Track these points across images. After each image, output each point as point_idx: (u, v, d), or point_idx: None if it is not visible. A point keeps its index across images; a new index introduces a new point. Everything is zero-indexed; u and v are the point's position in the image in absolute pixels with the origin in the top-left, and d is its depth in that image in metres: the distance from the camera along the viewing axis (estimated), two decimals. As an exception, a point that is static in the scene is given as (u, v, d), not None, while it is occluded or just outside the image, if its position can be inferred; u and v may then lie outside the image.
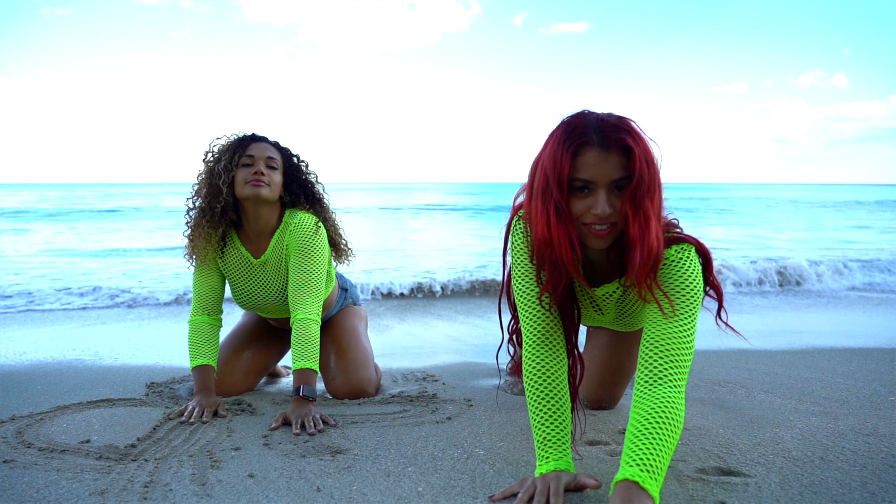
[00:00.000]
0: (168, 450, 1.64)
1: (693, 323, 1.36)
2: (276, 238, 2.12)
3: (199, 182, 2.11)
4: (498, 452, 1.64)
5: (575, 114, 1.35)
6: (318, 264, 2.09)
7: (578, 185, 1.30)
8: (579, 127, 1.30)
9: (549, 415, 1.40)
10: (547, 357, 1.45)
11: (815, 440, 1.71)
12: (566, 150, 1.29)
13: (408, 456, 1.61)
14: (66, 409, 2.03)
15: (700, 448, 1.65)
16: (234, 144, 2.07)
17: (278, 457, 1.60)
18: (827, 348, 3.07)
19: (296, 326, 2.00)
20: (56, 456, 1.59)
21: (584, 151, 1.28)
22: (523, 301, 1.49)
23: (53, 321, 3.97)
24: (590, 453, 1.63)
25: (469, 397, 2.19)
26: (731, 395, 2.23)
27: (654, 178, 1.29)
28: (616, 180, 1.28)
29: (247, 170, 2.03)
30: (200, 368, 2.06)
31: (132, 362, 2.81)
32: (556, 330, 1.47)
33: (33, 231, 12.51)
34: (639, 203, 1.27)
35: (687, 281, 1.37)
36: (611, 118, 1.31)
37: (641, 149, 1.28)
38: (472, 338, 3.50)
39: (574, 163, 1.29)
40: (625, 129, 1.28)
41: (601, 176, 1.28)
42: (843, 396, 2.20)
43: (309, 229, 2.09)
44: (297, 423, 1.81)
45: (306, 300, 2.03)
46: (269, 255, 2.12)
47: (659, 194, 1.32)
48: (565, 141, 1.30)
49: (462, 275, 5.89)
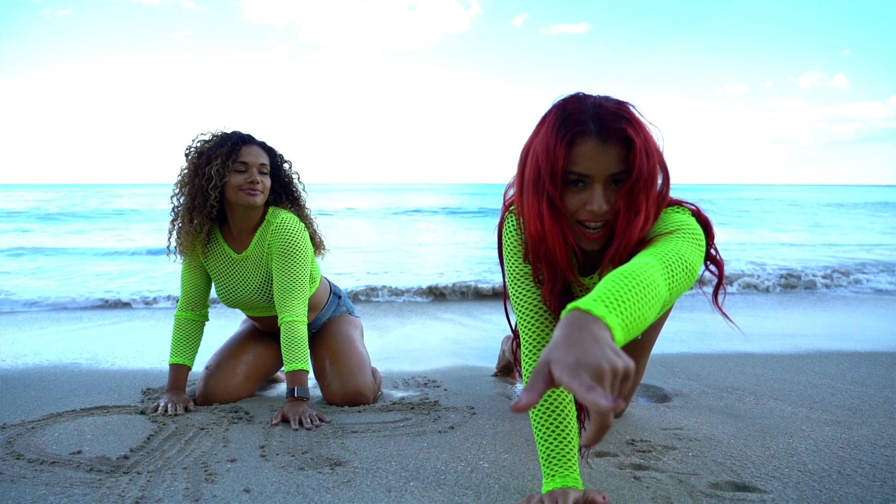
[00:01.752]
0: (162, 461, 1.59)
1: (693, 245, 1.17)
2: (259, 235, 2.13)
3: (182, 179, 2.07)
4: (503, 465, 1.58)
5: (569, 97, 1.23)
6: (302, 266, 2.10)
7: (573, 179, 1.20)
8: (575, 113, 1.18)
9: (553, 429, 1.31)
10: None
11: (830, 452, 1.65)
12: (560, 140, 1.17)
13: (409, 469, 1.56)
14: (59, 416, 1.98)
15: (712, 461, 1.59)
16: (227, 149, 2.02)
17: (275, 469, 1.55)
18: (833, 352, 3.01)
19: (283, 329, 2.03)
20: (46, 468, 1.54)
21: (580, 142, 1.17)
22: (519, 304, 1.40)
23: (52, 323, 3.92)
24: (597, 465, 1.57)
25: (472, 404, 2.14)
26: (741, 402, 2.18)
27: (653, 169, 1.19)
28: (614, 174, 1.18)
29: (240, 176, 2.02)
30: (175, 367, 2.14)
31: (129, 366, 2.76)
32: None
33: (33, 231, 12.47)
34: (634, 198, 1.18)
35: (682, 222, 1.22)
36: (609, 104, 1.19)
37: (642, 139, 1.17)
38: (474, 341, 3.45)
39: (569, 154, 1.18)
40: (625, 116, 1.17)
41: (598, 170, 1.17)
42: (854, 404, 2.15)
43: (292, 231, 2.10)
44: (295, 419, 1.88)
45: (292, 302, 2.06)
46: (250, 252, 2.14)
47: (655, 184, 1.21)
48: (559, 129, 1.18)
49: (464, 277, 5.84)
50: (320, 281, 2.36)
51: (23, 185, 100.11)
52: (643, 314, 0.92)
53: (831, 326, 3.85)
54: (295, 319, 2.04)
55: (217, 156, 2.00)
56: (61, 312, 4.41)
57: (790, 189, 76.68)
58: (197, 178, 2.02)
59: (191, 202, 2.05)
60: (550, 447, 1.31)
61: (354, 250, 9.25)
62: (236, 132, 2.07)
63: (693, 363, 2.78)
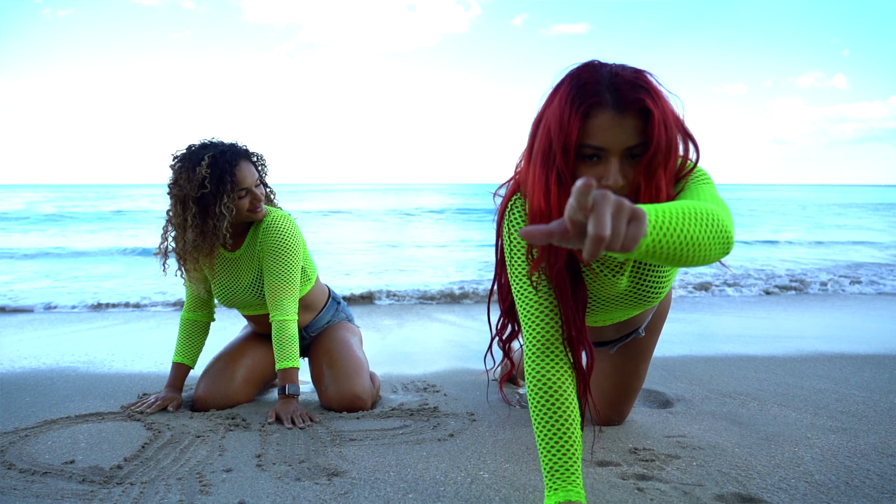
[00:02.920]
0: (156, 472, 1.56)
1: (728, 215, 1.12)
2: (251, 234, 2.16)
3: (180, 208, 2.02)
4: (503, 475, 1.55)
5: (583, 65, 1.16)
6: (293, 265, 2.12)
7: (588, 153, 1.14)
8: (590, 83, 1.12)
9: (557, 439, 1.26)
10: (552, 368, 1.28)
11: (836, 461, 1.62)
12: (575, 111, 1.10)
13: (408, 480, 1.53)
14: (53, 423, 1.95)
15: (717, 470, 1.56)
16: (226, 183, 1.98)
17: (271, 480, 1.52)
18: (837, 355, 2.99)
19: (274, 328, 2.07)
20: (37, 479, 1.51)
21: (595, 113, 1.11)
22: (523, 302, 1.32)
23: (50, 324, 3.88)
24: (599, 476, 1.54)
25: (472, 410, 2.11)
26: (744, 408, 2.15)
27: (672, 141, 1.13)
28: (630, 148, 1.12)
29: (244, 201, 2.06)
30: (175, 366, 2.21)
31: (127, 369, 2.73)
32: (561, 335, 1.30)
33: (34, 232, 12.44)
34: (653, 172, 1.12)
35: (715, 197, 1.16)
36: (626, 73, 1.13)
37: (661, 110, 1.11)
38: (475, 343, 3.41)
39: (584, 126, 1.11)
40: (643, 86, 1.11)
41: (615, 143, 1.11)
42: (859, 410, 2.12)
43: (283, 230, 2.12)
44: (288, 418, 1.94)
45: (283, 301, 2.09)
46: (243, 251, 2.16)
47: (675, 157, 1.16)
48: (574, 99, 1.11)
49: (464, 277, 5.81)
50: (316, 281, 2.34)
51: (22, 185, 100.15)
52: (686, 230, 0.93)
53: (833, 328, 3.82)
54: (286, 318, 2.07)
55: (219, 193, 1.98)
56: (60, 314, 4.38)
57: (790, 189, 76.67)
58: (209, 219, 2.01)
59: (201, 240, 2.04)
60: (553, 459, 1.26)
61: (354, 251, 9.23)
62: (218, 157, 1.99)
63: (695, 366, 2.75)
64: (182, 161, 2.02)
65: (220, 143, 2.07)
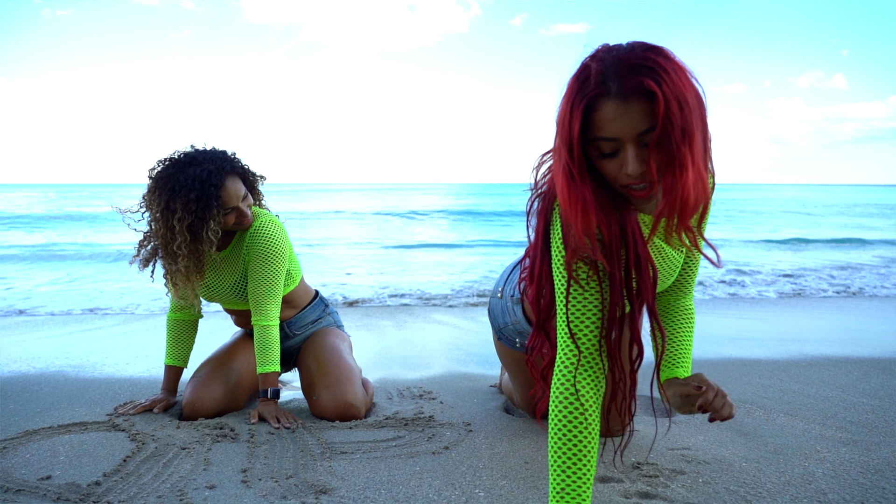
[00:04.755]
0: (136, 488, 1.49)
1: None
2: (238, 237, 2.12)
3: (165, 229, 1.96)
4: (500, 493, 1.48)
5: (593, 52, 1.12)
6: (278, 271, 2.10)
7: (605, 148, 1.10)
8: (593, 74, 1.08)
9: (575, 461, 1.16)
10: (583, 382, 1.19)
11: (849, 478, 1.55)
12: (576, 106, 1.08)
13: (400, 499, 1.45)
14: (34, 434, 1.88)
15: (724, 488, 1.49)
16: (212, 208, 1.92)
17: (256, 498, 1.45)
18: (842, 359, 2.91)
19: (256, 332, 2.06)
20: (10, 498, 1.44)
21: (600, 105, 1.07)
22: (567, 297, 1.22)
23: (45, 327, 3.82)
24: (601, 493, 1.47)
25: (468, 420, 2.04)
26: (750, 417, 2.08)
27: (690, 119, 1.05)
28: (642, 133, 1.07)
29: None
30: (168, 368, 2.21)
31: (117, 374, 2.66)
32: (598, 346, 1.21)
33: (33, 232, 12.39)
34: (670, 151, 1.06)
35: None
36: (633, 55, 1.07)
37: (668, 89, 1.04)
38: (473, 346, 3.34)
39: (593, 120, 1.08)
40: (647, 66, 1.05)
41: (624, 131, 1.07)
42: (869, 420, 2.05)
43: (269, 235, 2.09)
44: (273, 417, 1.97)
45: (266, 306, 2.07)
46: (228, 252, 2.12)
47: (697, 136, 1.08)
48: (574, 96, 1.09)
49: (464, 277, 5.74)
50: (301, 281, 2.30)
51: (22, 185, 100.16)
52: None
53: (836, 331, 3.75)
54: (268, 323, 2.06)
55: (208, 218, 1.94)
56: (54, 316, 4.31)
57: (790, 189, 76.63)
58: (199, 244, 1.97)
59: (195, 263, 2.00)
60: (567, 480, 1.16)
61: (351, 251, 9.16)
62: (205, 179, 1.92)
63: (697, 371, 2.67)
64: (166, 188, 1.93)
65: (203, 158, 1.96)
